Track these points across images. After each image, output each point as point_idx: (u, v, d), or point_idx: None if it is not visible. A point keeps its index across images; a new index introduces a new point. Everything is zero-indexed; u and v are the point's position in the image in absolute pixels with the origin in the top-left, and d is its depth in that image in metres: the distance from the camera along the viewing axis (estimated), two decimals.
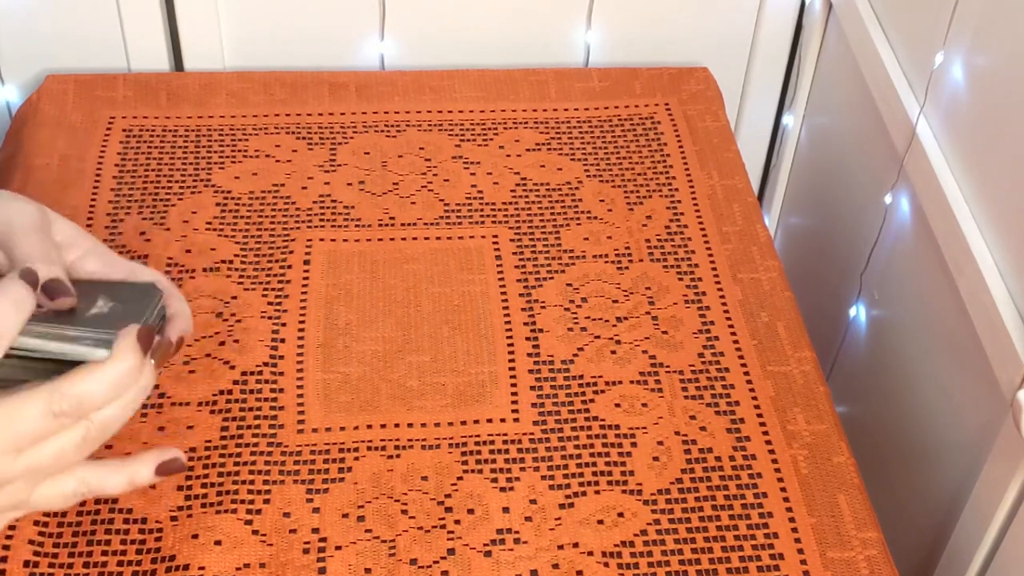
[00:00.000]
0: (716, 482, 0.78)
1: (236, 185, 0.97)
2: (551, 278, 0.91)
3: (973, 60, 0.87)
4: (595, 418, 0.81)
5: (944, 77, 0.91)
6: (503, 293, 0.89)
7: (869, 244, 1.05)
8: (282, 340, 0.85)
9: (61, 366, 0.58)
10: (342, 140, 1.02)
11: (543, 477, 0.77)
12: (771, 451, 0.80)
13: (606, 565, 0.73)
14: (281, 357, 0.84)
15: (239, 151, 1.00)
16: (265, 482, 0.76)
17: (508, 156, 1.01)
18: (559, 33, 1.17)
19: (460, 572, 0.72)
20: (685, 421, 0.81)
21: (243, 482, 0.76)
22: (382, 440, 0.79)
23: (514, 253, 0.93)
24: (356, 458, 0.78)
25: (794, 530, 0.75)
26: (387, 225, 0.94)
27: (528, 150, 1.02)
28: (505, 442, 0.79)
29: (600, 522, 0.75)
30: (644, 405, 0.82)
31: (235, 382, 0.82)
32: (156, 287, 0.70)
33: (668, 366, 0.85)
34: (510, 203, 0.97)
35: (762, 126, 1.27)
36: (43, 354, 0.59)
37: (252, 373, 0.82)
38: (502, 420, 0.81)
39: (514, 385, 0.83)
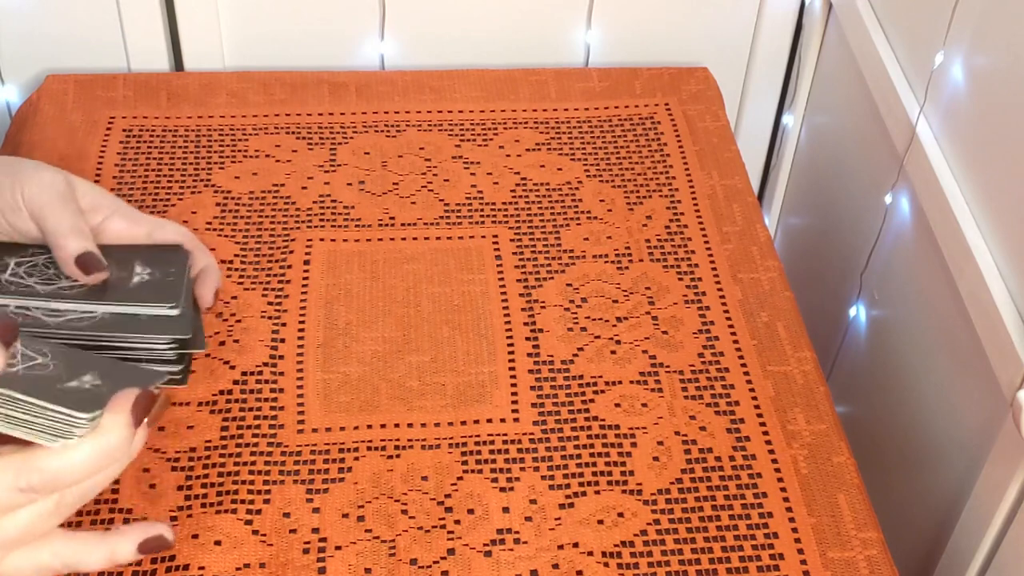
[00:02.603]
0: (716, 482, 0.78)
1: (236, 185, 0.97)
2: (551, 278, 0.91)
3: (973, 60, 0.87)
4: (595, 418, 0.81)
5: (944, 77, 0.91)
6: (503, 293, 0.89)
7: (869, 244, 1.05)
8: (282, 340, 0.85)
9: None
10: (342, 140, 1.02)
11: (543, 477, 0.77)
12: (771, 451, 0.80)
13: (606, 565, 0.73)
14: (281, 357, 0.84)
15: (239, 151, 1.00)
16: (265, 482, 0.76)
17: (508, 156, 1.01)
18: (559, 33, 1.17)
19: (460, 572, 0.72)
20: (685, 421, 0.81)
21: (243, 482, 0.76)
22: (382, 440, 0.79)
23: (514, 253, 0.93)
24: (356, 458, 0.78)
25: (794, 530, 0.75)
26: (387, 225, 0.94)
27: (528, 150, 1.02)
28: (505, 442, 0.79)
29: (600, 522, 0.75)
30: (644, 405, 0.82)
31: (235, 382, 0.82)
32: (183, 248, 0.71)
33: (668, 366, 0.85)
34: (510, 203, 0.97)
35: (762, 126, 1.27)
36: (23, 415, 0.53)
37: (252, 373, 0.82)
38: (502, 420, 0.81)
39: (514, 385, 0.83)
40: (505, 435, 0.80)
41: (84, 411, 0.54)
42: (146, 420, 0.56)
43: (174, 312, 0.69)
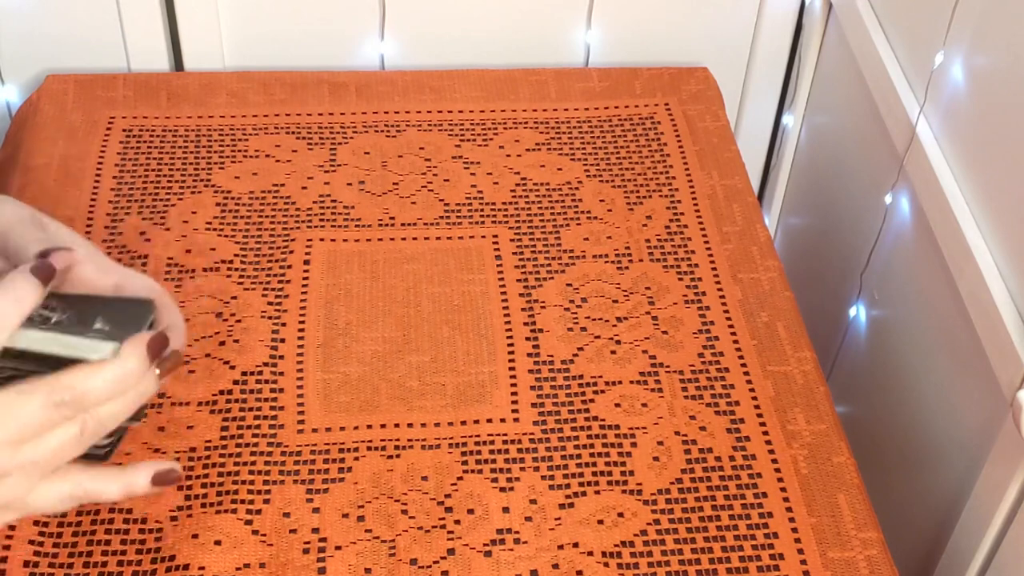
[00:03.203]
0: (716, 482, 0.78)
1: (236, 185, 0.97)
2: (551, 278, 0.91)
3: (973, 60, 0.87)
4: (595, 418, 0.81)
5: (944, 77, 0.91)
6: (503, 293, 0.89)
7: (869, 244, 1.05)
8: (282, 340, 0.85)
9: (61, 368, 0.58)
10: (342, 140, 1.02)
11: (543, 477, 0.77)
12: (771, 451, 0.80)
13: (606, 565, 0.73)
14: (281, 357, 0.84)
15: (239, 151, 1.00)
16: (265, 482, 0.76)
17: (508, 156, 1.01)
18: (559, 33, 1.17)
19: (460, 572, 0.72)
20: (685, 421, 0.81)
21: (243, 482, 0.76)
22: (382, 440, 0.79)
23: (514, 253, 0.93)
24: (356, 458, 0.78)
25: (794, 530, 0.75)
26: (387, 225, 0.94)
27: (528, 150, 1.02)
28: (505, 442, 0.79)
29: (600, 522, 0.75)
30: (644, 405, 0.82)
31: (235, 382, 0.82)
32: (151, 304, 0.67)
33: (668, 366, 0.85)
34: (510, 203, 0.97)
35: (762, 126, 1.27)
36: (47, 350, 0.58)
37: (252, 373, 0.82)
38: (502, 420, 0.81)
39: (514, 385, 0.83)
40: (505, 435, 0.80)
41: (101, 355, 0.58)
42: (159, 369, 0.60)
43: (107, 348, 0.65)
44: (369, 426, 0.80)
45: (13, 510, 0.59)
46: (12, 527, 0.72)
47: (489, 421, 0.81)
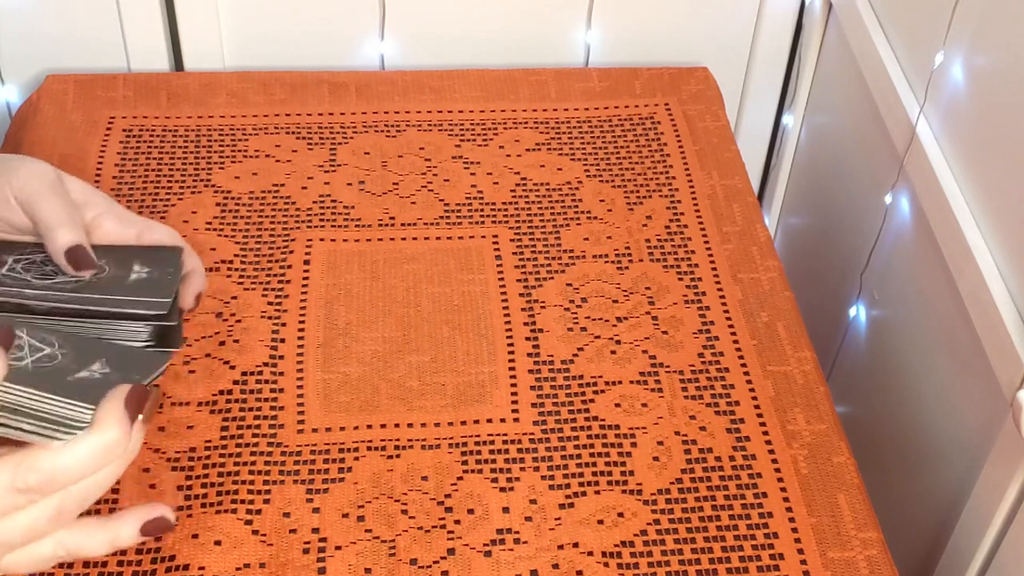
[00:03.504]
0: (716, 482, 0.78)
1: (236, 185, 0.97)
2: (551, 278, 0.91)
3: (973, 60, 0.87)
4: (595, 418, 0.81)
5: (944, 77, 0.91)
6: (503, 293, 0.89)
7: (869, 244, 1.05)
8: (282, 340, 0.85)
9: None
10: (342, 140, 1.02)
11: (543, 477, 0.77)
12: (771, 451, 0.80)
13: (606, 565, 0.73)
14: (281, 357, 0.84)
15: (239, 151, 1.00)
16: (265, 482, 0.76)
17: (508, 156, 1.01)
18: (559, 33, 1.17)
19: (460, 572, 0.72)
20: (685, 421, 0.81)
21: (243, 482, 0.76)
22: (382, 440, 0.79)
23: (514, 253, 0.93)
24: (356, 458, 0.78)
25: (794, 530, 0.75)
26: (387, 225, 0.94)
27: (528, 150, 1.02)
28: (505, 442, 0.79)
29: (600, 522, 0.75)
30: (644, 405, 0.82)
31: (235, 382, 0.82)
32: (177, 249, 0.71)
33: (668, 366, 0.85)
34: (510, 203, 0.97)
35: (762, 126, 1.27)
36: (23, 413, 0.53)
37: (252, 373, 0.82)
38: (502, 420, 0.81)
39: (514, 385, 0.83)
40: (505, 435, 0.80)
41: (95, 402, 0.53)
42: (142, 418, 0.55)
43: (162, 311, 0.68)
44: (369, 426, 0.80)
45: None
46: None
47: (489, 421, 0.81)
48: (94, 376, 0.56)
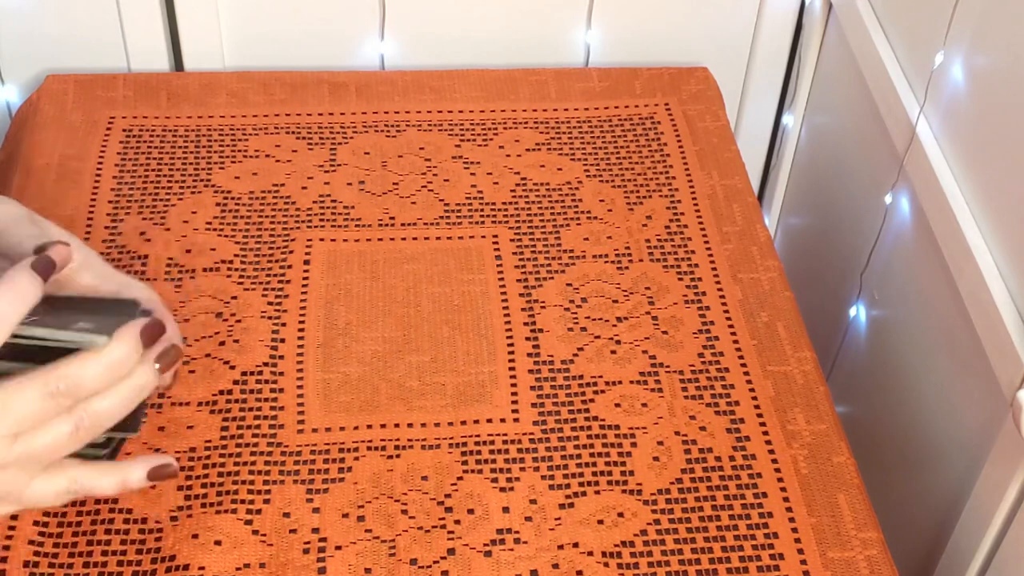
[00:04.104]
0: (716, 482, 0.78)
1: (236, 185, 0.97)
2: (551, 278, 0.91)
3: (973, 60, 0.87)
4: (595, 418, 0.81)
5: (944, 77, 0.91)
6: (503, 293, 0.89)
7: (869, 244, 1.05)
8: (282, 340, 0.85)
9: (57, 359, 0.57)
10: (342, 140, 1.02)
11: (543, 477, 0.77)
12: (771, 451, 0.80)
13: (606, 565, 0.73)
14: (281, 357, 0.84)
15: (239, 151, 1.00)
16: (265, 482, 0.76)
17: (508, 156, 1.01)
18: (559, 33, 1.17)
19: (460, 572, 0.72)
20: (685, 421, 0.81)
21: (243, 482, 0.76)
22: (382, 440, 0.79)
23: (514, 253, 0.93)
24: (356, 458, 0.78)
25: (794, 530, 0.75)
26: (387, 225, 0.94)
27: (528, 150, 1.02)
28: (505, 442, 0.79)
29: (600, 522, 0.75)
30: (644, 405, 0.82)
31: (235, 382, 0.82)
32: (136, 305, 0.65)
33: (668, 366, 0.85)
34: (510, 203, 0.97)
35: (762, 126, 1.27)
36: (41, 342, 0.58)
37: (252, 373, 0.82)
38: (502, 420, 0.81)
39: (514, 385, 0.83)
40: (505, 435, 0.80)
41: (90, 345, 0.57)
42: (158, 366, 0.60)
43: (101, 340, 0.63)
44: (369, 426, 0.80)
45: (9, 503, 0.59)
46: (12, 527, 0.72)
47: (489, 421, 0.81)
48: (81, 330, 0.59)
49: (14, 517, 0.72)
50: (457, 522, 0.74)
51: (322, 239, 0.93)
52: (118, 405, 0.59)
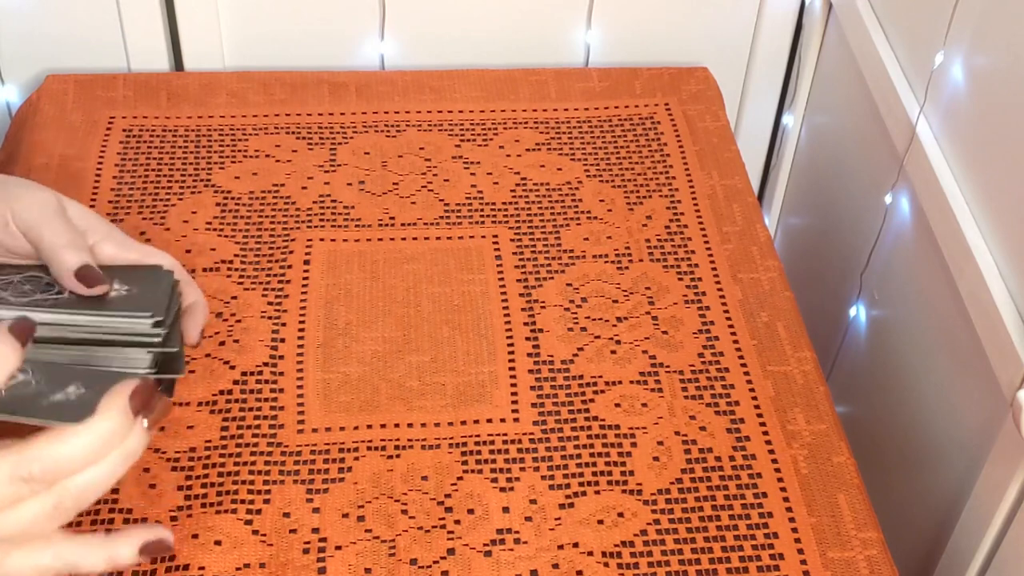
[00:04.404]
0: (716, 482, 0.78)
1: (236, 185, 0.97)
2: (551, 278, 0.91)
3: (973, 60, 0.87)
4: (595, 418, 0.81)
5: (944, 77, 0.91)
6: (503, 293, 0.89)
7: (869, 244, 1.05)
8: (282, 340, 0.85)
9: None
10: (342, 140, 1.02)
11: (543, 477, 0.77)
12: (771, 451, 0.80)
13: (606, 565, 0.73)
14: (281, 357, 0.84)
15: (239, 151, 1.00)
16: (265, 482, 0.76)
17: (508, 156, 1.01)
18: (559, 33, 1.17)
19: (460, 572, 0.72)
20: (685, 421, 0.81)
21: (243, 482, 0.76)
22: (382, 440, 0.79)
23: (514, 253, 0.93)
24: (356, 458, 0.78)
25: (794, 530, 0.75)
26: (387, 225, 0.94)
27: (528, 150, 1.02)
28: (505, 442, 0.79)
29: (600, 522, 0.75)
30: (644, 405, 0.82)
31: (235, 382, 0.82)
32: (168, 271, 0.69)
33: (668, 366, 0.85)
34: (510, 203, 0.97)
35: (762, 126, 1.27)
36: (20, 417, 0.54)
37: (252, 373, 0.82)
38: (502, 420, 0.81)
39: (514, 385, 0.83)
40: (505, 435, 0.80)
41: (72, 420, 0.53)
42: (146, 419, 0.55)
43: (151, 322, 0.66)
44: (369, 426, 0.80)
45: None
46: None
47: (489, 421, 0.81)
48: (70, 398, 0.55)
49: None
50: (457, 522, 0.74)
51: (322, 239, 0.93)
52: (106, 479, 0.54)
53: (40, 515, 0.53)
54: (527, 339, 0.86)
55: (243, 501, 0.75)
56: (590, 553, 0.73)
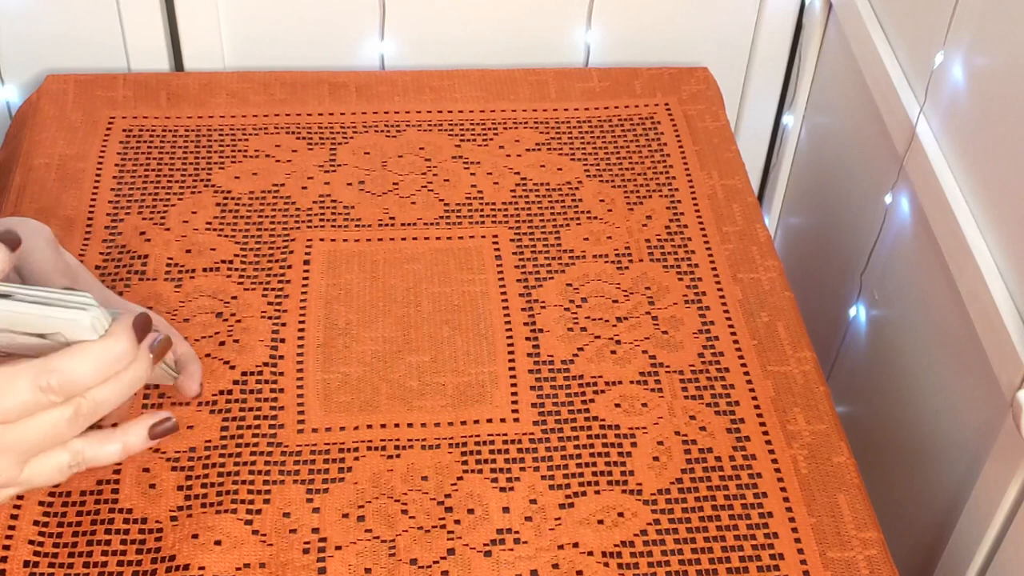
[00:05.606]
0: (716, 482, 0.78)
1: (236, 185, 0.97)
2: (551, 278, 0.91)
3: (973, 60, 0.87)
4: (595, 418, 0.81)
5: (944, 77, 0.91)
6: (503, 293, 0.89)
7: (869, 244, 1.05)
8: (282, 340, 0.85)
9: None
10: (342, 140, 1.02)
11: (543, 477, 0.77)
12: (771, 451, 0.80)
13: (606, 565, 0.73)
14: (281, 357, 0.84)
15: (239, 151, 1.00)
16: (265, 482, 0.76)
17: (508, 156, 1.01)
18: (559, 33, 1.17)
19: (460, 572, 0.72)
20: (685, 421, 0.81)
21: (243, 482, 0.76)
22: (382, 440, 0.79)
23: (514, 253, 0.93)
24: (356, 458, 0.78)
25: (794, 530, 0.75)
26: (387, 225, 0.94)
27: (528, 150, 1.02)
28: (505, 442, 0.79)
29: (600, 522, 0.75)
30: (644, 405, 0.82)
31: (235, 382, 0.82)
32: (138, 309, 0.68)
33: (668, 366, 0.85)
34: (510, 203, 0.97)
35: (762, 126, 1.27)
36: (28, 325, 0.56)
37: (252, 373, 0.82)
38: (502, 420, 0.81)
39: (514, 385, 0.83)
40: (505, 435, 0.80)
41: (90, 301, 0.57)
42: (151, 344, 0.59)
43: (88, 303, 0.63)
44: (369, 426, 0.80)
45: (11, 487, 0.58)
46: (12, 527, 0.72)
47: (489, 421, 0.81)
48: (76, 297, 0.58)
49: (15, 517, 0.72)
50: (457, 522, 0.74)
51: (322, 239, 0.93)
52: (117, 395, 0.58)
53: (59, 423, 0.57)
54: (527, 339, 0.86)
55: (243, 501, 0.75)
56: (590, 553, 0.73)
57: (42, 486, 0.61)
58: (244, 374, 0.82)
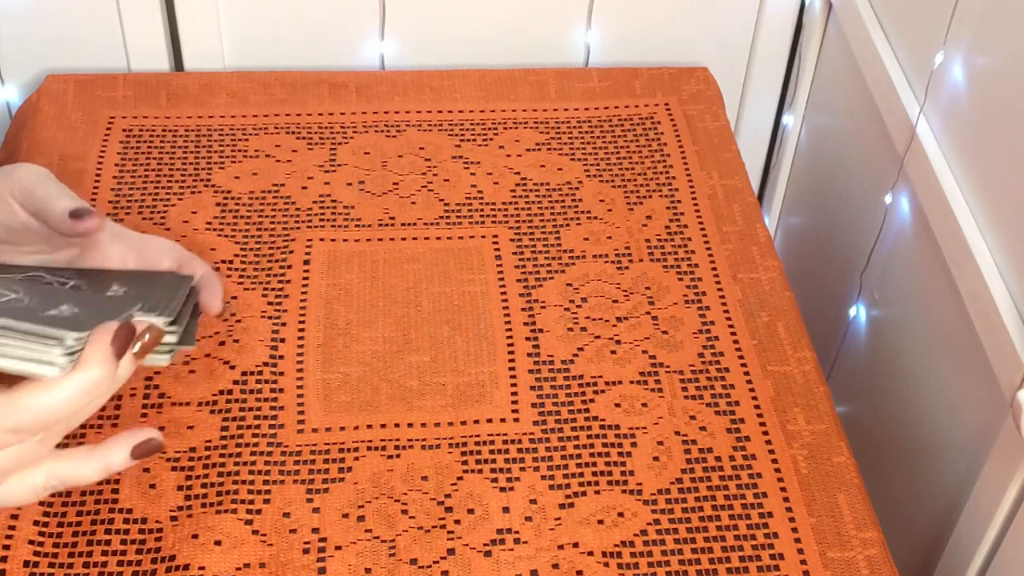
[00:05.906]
0: (716, 482, 0.78)
1: (236, 185, 0.97)
2: (551, 278, 0.91)
3: (973, 60, 0.87)
4: (595, 418, 0.81)
5: (944, 77, 0.91)
6: (503, 293, 0.89)
7: (869, 244, 1.05)
8: (282, 340, 0.85)
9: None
10: (342, 140, 1.02)
11: (543, 477, 0.77)
12: (771, 451, 0.80)
13: (606, 565, 0.73)
14: (281, 357, 0.84)
15: (239, 151, 1.00)
16: (265, 482, 0.76)
17: (508, 156, 1.01)
18: (559, 33, 1.17)
19: (460, 572, 0.72)
20: (685, 421, 0.81)
21: (243, 482, 0.76)
22: (382, 440, 0.79)
23: (514, 253, 0.93)
24: (356, 458, 0.78)
25: (794, 530, 0.75)
26: (387, 225, 0.94)
27: (528, 150, 1.02)
28: (505, 442, 0.79)
29: (600, 522, 0.75)
30: (644, 405, 0.82)
31: (235, 382, 0.82)
32: (187, 277, 0.66)
33: (668, 366, 0.85)
34: (510, 203, 0.97)
35: (762, 126, 1.27)
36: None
37: (252, 373, 0.82)
38: (502, 420, 0.81)
39: (514, 385, 0.83)
40: (505, 435, 0.80)
41: (71, 329, 0.53)
42: (136, 350, 0.55)
43: (167, 319, 0.64)
44: (369, 426, 0.80)
45: None
46: (12, 527, 0.72)
47: (489, 421, 0.81)
48: (62, 313, 0.55)
49: (15, 517, 0.72)
50: (457, 522, 0.74)
51: (322, 239, 0.93)
52: (92, 411, 0.55)
53: (27, 448, 0.54)
54: (527, 339, 0.86)
55: (243, 501, 0.75)
56: (590, 553, 0.73)
57: (17, 506, 0.58)
58: (244, 374, 0.82)
